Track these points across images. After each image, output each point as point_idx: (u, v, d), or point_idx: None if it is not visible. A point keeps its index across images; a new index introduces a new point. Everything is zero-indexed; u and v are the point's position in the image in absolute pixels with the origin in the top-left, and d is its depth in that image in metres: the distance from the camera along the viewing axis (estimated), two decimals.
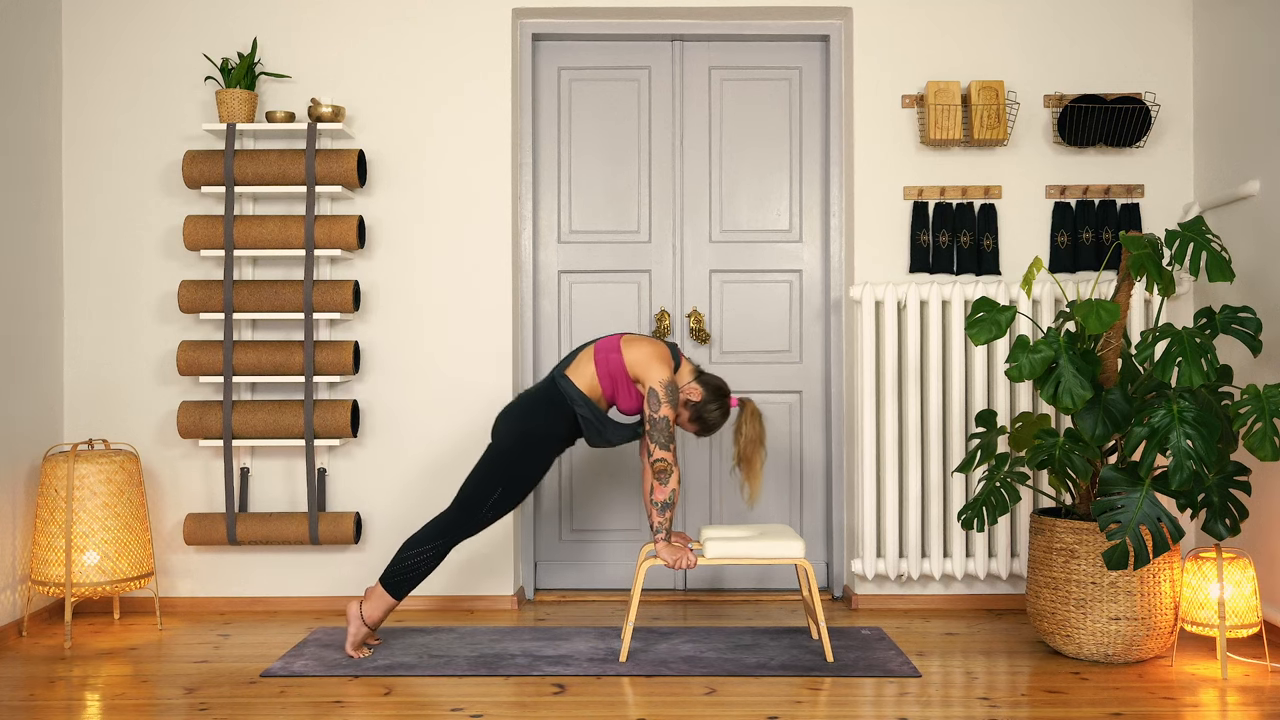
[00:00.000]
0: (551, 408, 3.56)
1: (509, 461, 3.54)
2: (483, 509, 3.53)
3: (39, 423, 4.11)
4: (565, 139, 4.52)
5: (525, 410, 3.58)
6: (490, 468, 3.54)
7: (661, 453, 3.48)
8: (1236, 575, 3.44)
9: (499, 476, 3.53)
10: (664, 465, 3.48)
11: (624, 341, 3.59)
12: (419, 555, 3.51)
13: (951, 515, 4.18)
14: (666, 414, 3.47)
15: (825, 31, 4.45)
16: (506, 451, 3.54)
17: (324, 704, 3.12)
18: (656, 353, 3.55)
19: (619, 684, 3.30)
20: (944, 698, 3.17)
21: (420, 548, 3.51)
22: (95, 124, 4.28)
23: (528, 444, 3.54)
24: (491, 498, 3.53)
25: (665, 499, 3.48)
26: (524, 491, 3.58)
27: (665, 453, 3.47)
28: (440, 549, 3.52)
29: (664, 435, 3.48)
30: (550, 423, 3.55)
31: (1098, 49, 4.32)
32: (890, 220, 4.31)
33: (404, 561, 3.51)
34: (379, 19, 4.31)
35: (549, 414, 3.56)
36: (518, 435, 3.55)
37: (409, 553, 3.51)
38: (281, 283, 4.12)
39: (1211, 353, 3.30)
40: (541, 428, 3.55)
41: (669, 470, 3.47)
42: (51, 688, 3.31)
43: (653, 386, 3.49)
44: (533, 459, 3.55)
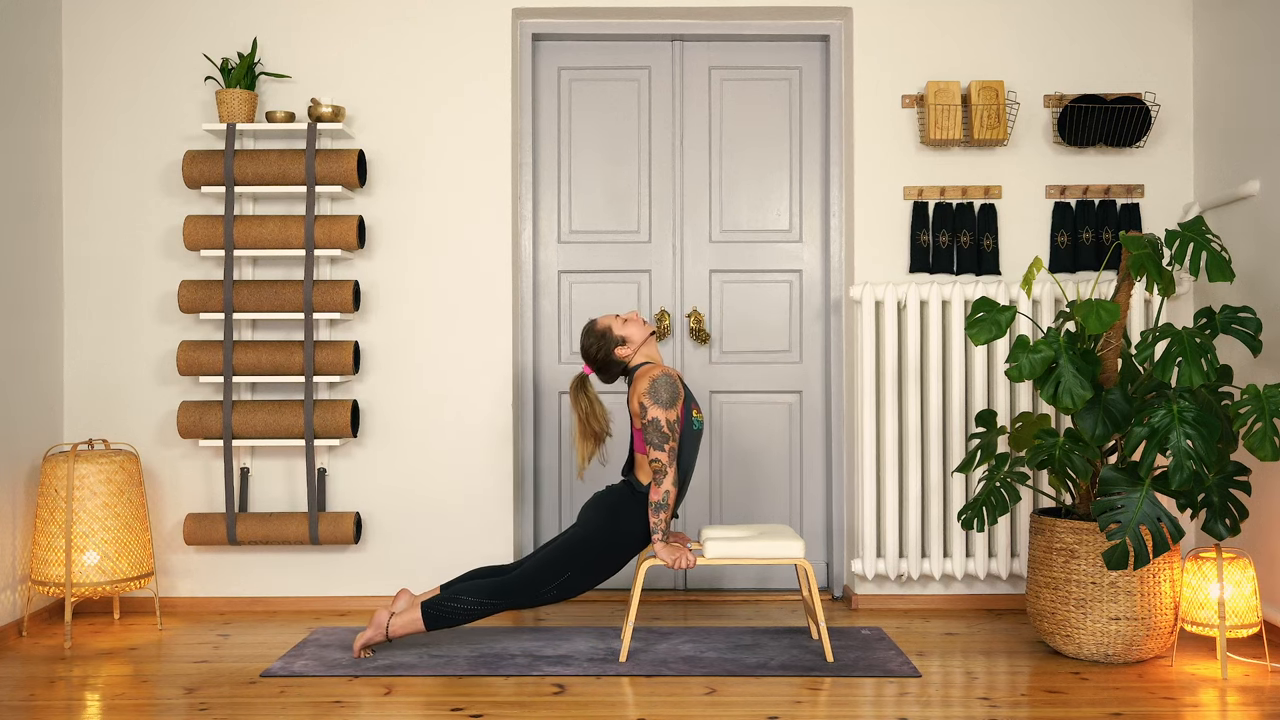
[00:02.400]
0: (636, 505, 3.57)
1: (593, 552, 3.54)
2: (547, 587, 3.53)
3: (39, 423, 4.11)
4: (565, 139, 4.52)
5: (619, 508, 3.57)
6: (570, 552, 3.54)
7: (656, 453, 3.48)
8: (1236, 575, 3.44)
9: (576, 563, 3.53)
10: (659, 466, 3.48)
11: (635, 423, 3.58)
12: (470, 606, 3.50)
13: (951, 515, 4.18)
14: (656, 415, 3.47)
15: (825, 31, 4.45)
16: (592, 542, 3.55)
17: (324, 704, 3.12)
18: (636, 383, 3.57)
19: (619, 684, 3.30)
20: (944, 698, 3.17)
21: (476, 599, 3.50)
22: (95, 124, 4.28)
23: (615, 543, 3.56)
24: (560, 579, 3.53)
25: (659, 499, 3.48)
26: (594, 583, 3.58)
27: (660, 453, 3.48)
28: (490, 610, 3.52)
29: (657, 436, 3.48)
30: (635, 524, 3.56)
31: (1098, 49, 4.32)
32: (890, 220, 4.31)
33: (455, 603, 3.49)
34: (379, 19, 4.31)
35: (634, 516, 3.56)
36: (609, 531, 3.55)
37: (465, 599, 3.49)
38: (281, 283, 4.12)
39: (1211, 353, 3.30)
40: (633, 531, 3.56)
41: (664, 470, 3.47)
42: (51, 688, 3.31)
43: (640, 401, 3.50)
44: (615, 557, 3.57)
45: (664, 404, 3.49)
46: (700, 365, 4.51)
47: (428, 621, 3.51)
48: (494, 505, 4.29)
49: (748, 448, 4.52)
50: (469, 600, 3.50)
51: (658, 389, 3.49)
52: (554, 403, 4.52)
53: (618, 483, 3.71)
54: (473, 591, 3.51)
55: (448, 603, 3.50)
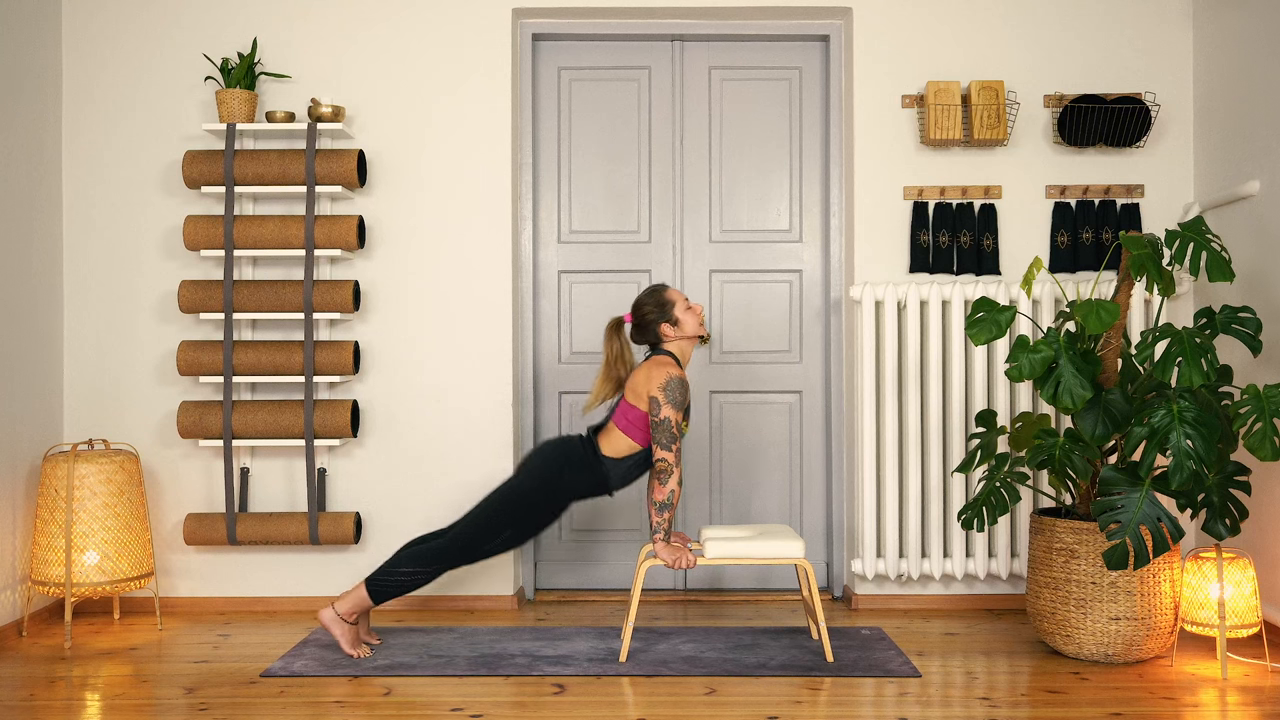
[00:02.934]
0: (581, 467, 3.57)
1: (534, 508, 3.55)
2: (488, 545, 3.55)
3: (39, 423, 4.11)
4: (565, 139, 4.52)
5: (569, 464, 3.57)
6: (509, 509, 3.54)
7: (663, 453, 3.48)
8: (1236, 575, 3.44)
9: (516, 519, 3.54)
10: (664, 465, 3.48)
11: (627, 396, 3.58)
12: (413, 575, 3.52)
13: (951, 515, 4.18)
14: (668, 415, 3.47)
15: (825, 31, 4.45)
16: (533, 497, 3.55)
17: (324, 704, 3.12)
18: (650, 365, 3.56)
19: (619, 684, 3.30)
20: (944, 698, 3.17)
21: (416, 567, 3.52)
22: (95, 124, 4.28)
23: (554, 496, 3.56)
24: (500, 536, 3.55)
25: (664, 499, 3.48)
26: (532, 535, 3.60)
27: (666, 453, 3.47)
28: (435, 574, 3.55)
29: (666, 436, 3.48)
30: (575, 481, 3.57)
31: (1098, 49, 4.32)
32: (890, 220, 4.31)
33: (396, 575, 3.51)
34: (379, 19, 4.31)
35: (577, 473, 3.56)
36: (553, 488, 3.55)
37: (404, 569, 3.51)
38: (281, 283, 4.12)
39: (1211, 353, 3.30)
40: (575, 488, 3.57)
41: (669, 471, 3.47)
42: (51, 688, 3.31)
43: (653, 395, 3.49)
44: (552, 510, 3.58)
45: (676, 405, 3.49)
46: (700, 365, 4.51)
47: (373, 593, 3.52)
48: None
49: (748, 448, 4.52)
50: (412, 569, 3.51)
51: (673, 389, 3.49)
52: (554, 402, 4.52)
53: (574, 436, 3.67)
54: (410, 560, 3.52)
55: (392, 575, 3.51)
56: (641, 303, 3.65)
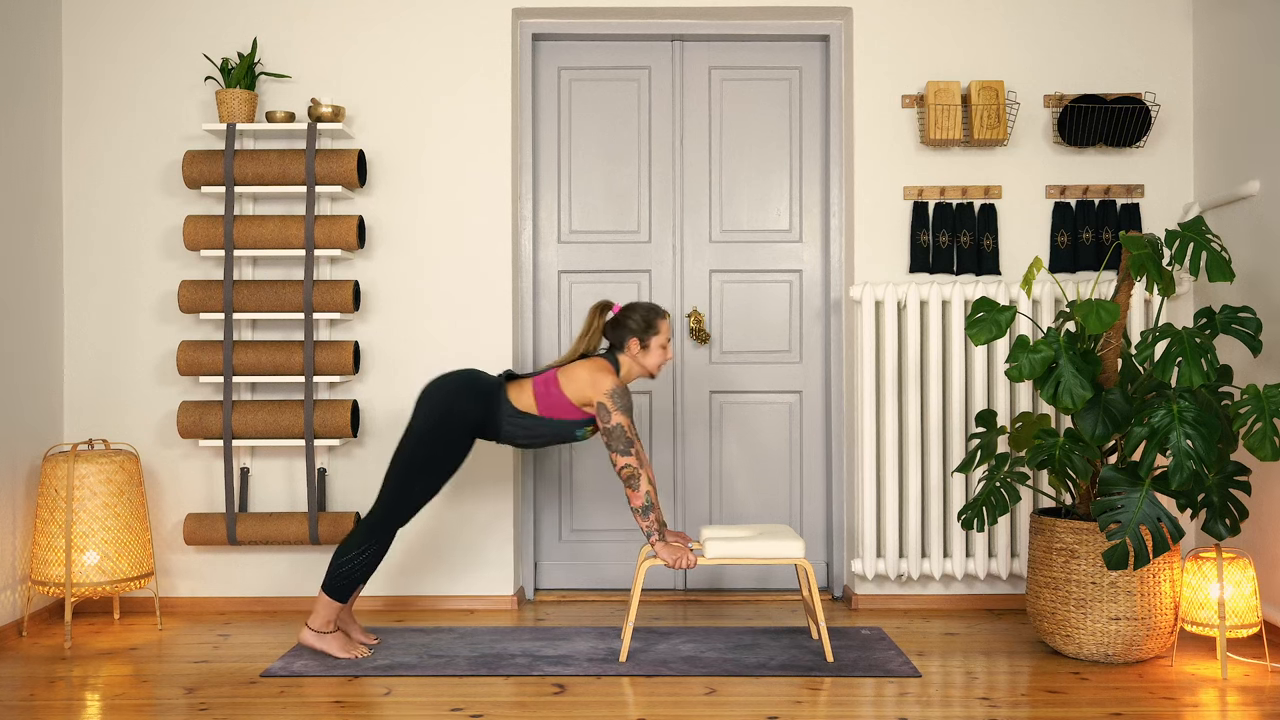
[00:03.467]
0: (479, 400, 3.53)
1: (429, 453, 3.50)
2: (408, 507, 3.52)
3: (39, 423, 4.11)
4: (565, 139, 4.52)
5: (455, 391, 3.53)
6: (411, 465, 3.50)
7: (624, 459, 3.45)
8: (1236, 575, 3.44)
9: (422, 470, 3.50)
10: (630, 470, 3.45)
11: (561, 375, 3.55)
12: (358, 556, 3.50)
13: (951, 515, 4.18)
14: (619, 421, 3.46)
15: (825, 31, 4.45)
16: (426, 439, 3.50)
17: (324, 704, 3.12)
18: (593, 367, 3.54)
19: (619, 684, 3.30)
20: (944, 698, 3.17)
21: (355, 550, 3.50)
22: (95, 124, 4.28)
23: (447, 434, 3.50)
24: (414, 491, 3.51)
25: (642, 503, 3.46)
26: (448, 475, 3.56)
27: (628, 458, 3.45)
28: (375, 545, 3.51)
29: (622, 442, 3.45)
30: (474, 414, 3.52)
31: (1098, 49, 4.32)
32: (890, 220, 4.31)
33: (344, 565, 3.50)
34: (379, 19, 4.31)
35: (475, 406, 3.52)
36: (435, 425, 3.49)
37: (348, 556, 3.50)
38: (281, 283, 4.12)
39: (1211, 353, 3.30)
40: (462, 414, 3.51)
41: (636, 474, 3.45)
42: (51, 688, 3.31)
43: (600, 401, 3.47)
44: (452, 450, 3.52)
45: (625, 410, 3.48)
46: (700, 365, 4.51)
47: (332, 594, 3.51)
48: (493, 505, 4.29)
49: (747, 447, 4.52)
50: (346, 558, 3.49)
51: (619, 395, 3.48)
52: None
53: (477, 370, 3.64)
54: (346, 549, 3.50)
55: (338, 571, 3.50)
56: (635, 308, 3.63)
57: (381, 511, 3.52)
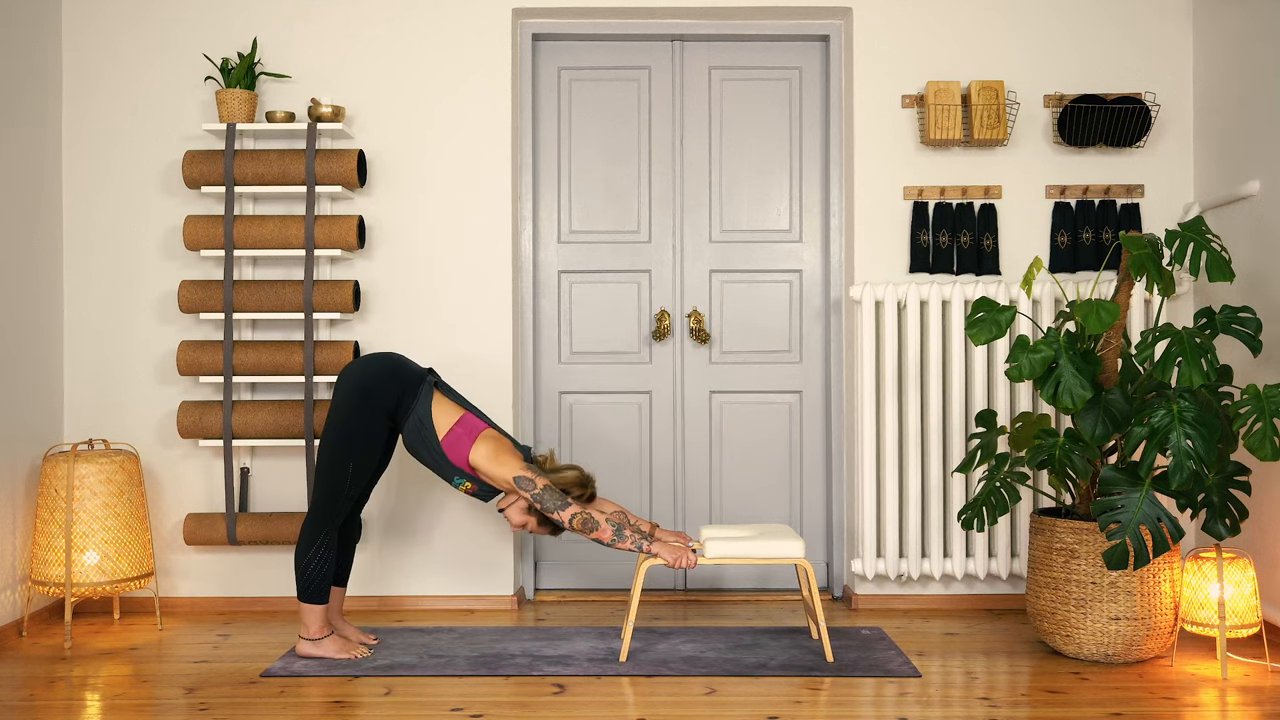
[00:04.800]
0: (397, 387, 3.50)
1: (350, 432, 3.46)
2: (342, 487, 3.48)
3: (39, 423, 4.11)
4: (565, 139, 4.52)
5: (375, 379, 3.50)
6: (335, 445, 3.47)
7: (568, 512, 3.42)
8: (1236, 575, 3.44)
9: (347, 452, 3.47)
10: (581, 517, 3.42)
11: (478, 440, 3.48)
12: (313, 554, 3.48)
13: (951, 515, 4.18)
14: (543, 483, 3.43)
15: (825, 31, 4.45)
16: (343, 425, 3.47)
17: (324, 704, 3.12)
18: (504, 447, 3.48)
19: (619, 684, 3.30)
20: (944, 698, 3.17)
21: (314, 549, 3.48)
22: (95, 124, 4.28)
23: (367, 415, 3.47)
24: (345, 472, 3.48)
25: (611, 535, 3.42)
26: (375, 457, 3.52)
27: (569, 510, 3.42)
28: (330, 540, 3.49)
29: (555, 500, 3.42)
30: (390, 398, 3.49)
31: (1098, 49, 4.32)
32: (890, 220, 4.31)
33: (309, 570, 3.49)
34: (379, 19, 4.31)
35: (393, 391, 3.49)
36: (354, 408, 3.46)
37: (306, 559, 3.48)
38: (281, 283, 4.12)
39: (1211, 353, 3.30)
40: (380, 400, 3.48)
41: (589, 518, 3.42)
42: (51, 688, 3.31)
43: (515, 475, 3.43)
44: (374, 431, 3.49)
45: (539, 472, 3.47)
46: (700, 365, 4.51)
47: (306, 598, 3.50)
48: (493, 506, 4.28)
49: (748, 448, 4.52)
50: (304, 560, 3.48)
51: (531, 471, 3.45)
52: (554, 403, 4.52)
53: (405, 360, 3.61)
54: (302, 553, 3.49)
55: (304, 576, 3.48)
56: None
57: (321, 502, 3.49)
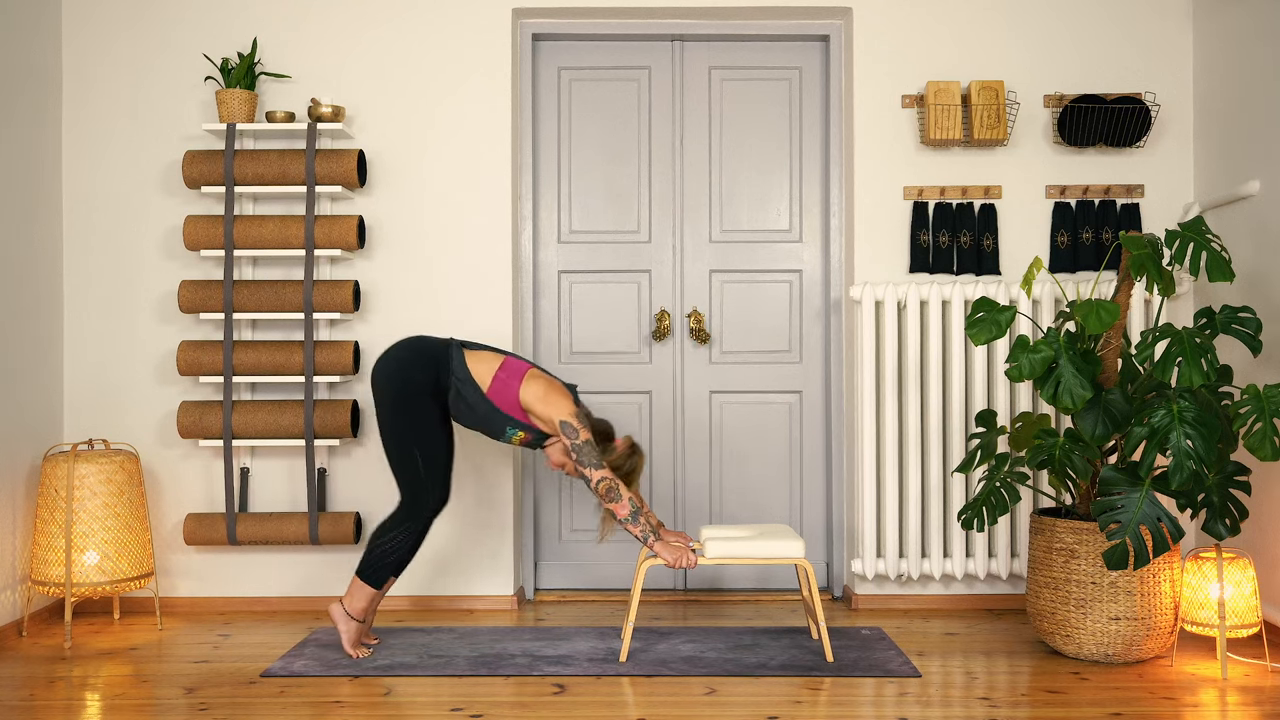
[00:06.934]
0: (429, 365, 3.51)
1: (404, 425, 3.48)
2: (419, 477, 3.49)
3: (39, 423, 4.11)
4: (565, 139, 4.52)
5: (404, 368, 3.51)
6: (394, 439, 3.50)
7: (599, 473, 3.43)
8: (1236, 575, 3.44)
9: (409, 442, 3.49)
10: (607, 483, 3.43)
11: (527, 376, 3.52)
12: (392, 540, 3.51)
13: (951, 515, 4.18)
14: (587, 438, 3.44)
15: (825, 31, 4.45)
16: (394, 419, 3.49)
17: (324, 704, 3.12)
18: (555, 390, 3.51)
19: (619, 684, 3.30)
20: (944, 698, 3.17)
21: (392, 533, 3.51)
22: (95, 124, 4.28)
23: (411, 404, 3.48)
24: (419, 465, 3.49)
25: (629, 512, 3.44)
26: (440, 443, 3.52)
27: (601, 471, 3.43)
28: (413, 530, 3.51)
29: (593, 457, 3.43)
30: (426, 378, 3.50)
31: (1098, 49, 4.32)
32: (890, 220, 4.31)
33: (377, 549, 3.51)
34: (379, 19, 4.31)
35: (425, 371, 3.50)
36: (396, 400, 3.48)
37: (381, 540, 3.51)
38: (281, 283, 4.12)
39: (1211, 353, 3.30)
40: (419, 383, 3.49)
41: (614, 485, 3.43)
42: (51, 688, 3.31)
43: (563, 419, 3.45)
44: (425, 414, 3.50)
45: (587, 425, 3.49)
46: (700, 365, 4.51)
47: (367, 579, 3.52)
48: (493, 505, 4.29)
49: (748, 448, 4.52)
50: (388, 536, 3.50)
51: (582, 417, 3.47)
52: None
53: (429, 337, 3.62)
54: (383, 531, 3.52)
55: (373, 553, 3.51)
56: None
57: (405, 496, 3.53)
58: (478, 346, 3.64)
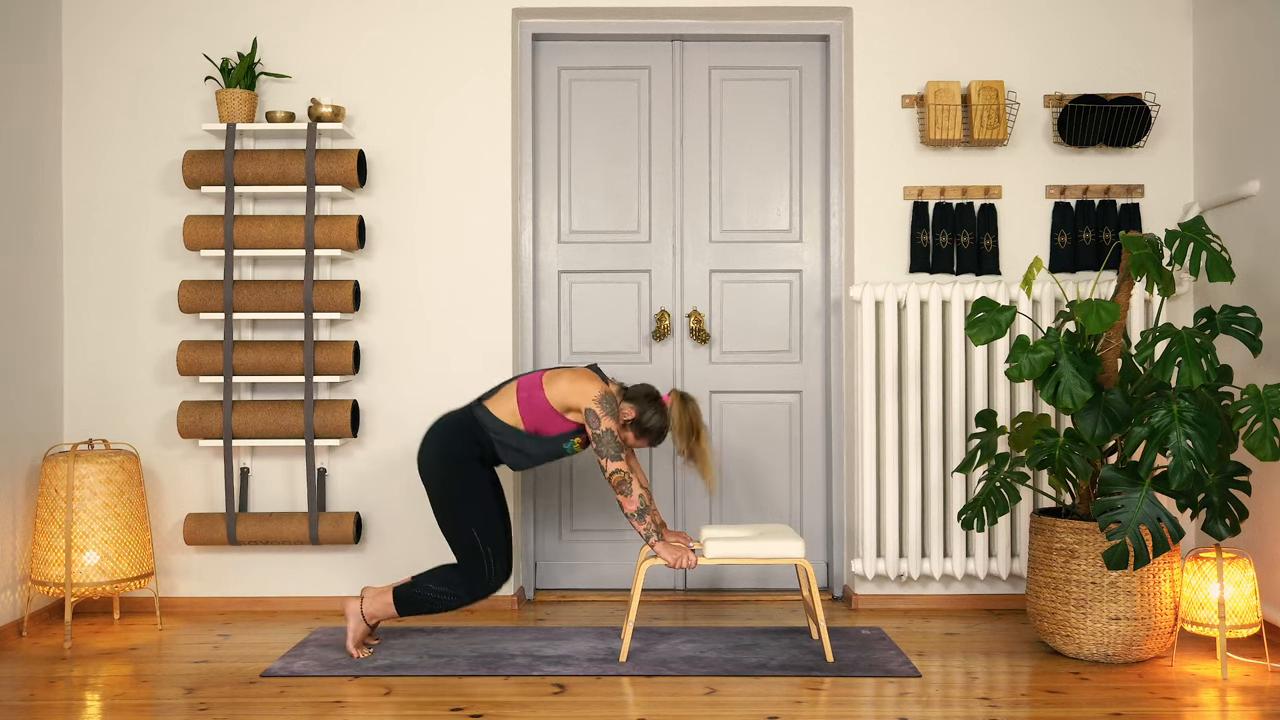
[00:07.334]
0: (464, 434, 3.54)
1: (456, 502, 3.51)
2: (477, 555, 3.50)
3: (39, 423, 4.11)
4: (565, 139, 4.53)
5: (439, 444, 3.55)
6: (451, 519, 3.52)
7: (614, 465, 3.44)
8: (1236, 575, 3.44)
9: (463, 520, 3.50)
10: (621, 476, 3.44)
11: (546, 379, 3.56)
12: (443, 595, 3.50)
13: (951, 515, 4.18)
14: (609, 426, 3.45)
15: (825, 31, 4.45)
16: (445, 496, 3.52)
17: (324, 704, 3.12)
18: (579, 375, 3.54)
19: (619, 684, 3.30)
20: (944, 698, 3.17)
21: (451, 589, 3.50)
22: (95, 124, 4.28)
23: (455, 476, 3.51)
24: (474, 538, 3.50)
25: (636, 508, 3.46)
26: (494, 512, 3.54)
27: (618, 464, 3.44)
28: (470, 599, 3.51)
29: (612, 448, 3.45)
30: (467, 448, 3.53)
31: (1098, 49, 4.32)
32: (890, 220, 4.31)
33: (428, 592, 3.50)
34: (379, 19, 4.31)
35: (464, 442, 3.54)
36: (442, 475, 3.52)
37: (439, 586, 3.50)
38: (281, 283, 4.12)
39: (1211, 353, 3.30)
40: (460, 455, 3.52)
41: (627, 479, 3.44)
42: (51, 688, 3.31)
43: (588, 406, 3.46)
44: (471, 485, 3.52)
45: (613, 416, 3.48)
46: (700, 365, 4.51)
47: (400, 605, 3.52)
48: None
49: (748, 448, 4.52)
50: (443, 589, 3.51)
51: (608, 402, 3.48)
52: None
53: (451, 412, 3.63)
54: (437, 579, 3.52)
55: (423, 591, 3.51)
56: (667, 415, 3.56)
57: (469, 569, 3.51)
58: (491, 391, 3.64)
